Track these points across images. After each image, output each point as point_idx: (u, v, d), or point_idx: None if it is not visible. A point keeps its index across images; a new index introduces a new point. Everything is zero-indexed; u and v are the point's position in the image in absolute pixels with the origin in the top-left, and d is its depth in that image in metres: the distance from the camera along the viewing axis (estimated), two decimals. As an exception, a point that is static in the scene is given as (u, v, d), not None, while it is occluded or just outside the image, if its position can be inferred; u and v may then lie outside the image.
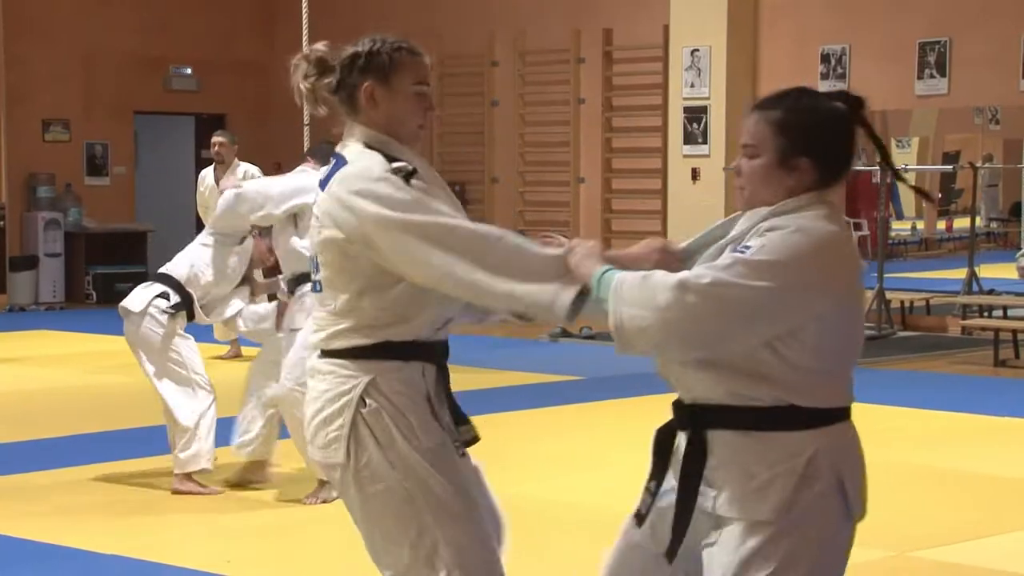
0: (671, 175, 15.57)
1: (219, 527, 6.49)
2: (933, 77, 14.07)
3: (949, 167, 15.64)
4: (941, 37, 14.00)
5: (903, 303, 14.21)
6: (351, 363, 3.39)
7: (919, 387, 10.75)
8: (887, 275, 13.40)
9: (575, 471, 7.61)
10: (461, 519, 3.39)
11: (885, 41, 14.33)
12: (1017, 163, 14.88)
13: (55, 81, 17.39)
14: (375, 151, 3.41)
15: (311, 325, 3.60)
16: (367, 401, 3.37)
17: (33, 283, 16.62)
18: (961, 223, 15.71)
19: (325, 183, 3.45)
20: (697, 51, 15.17)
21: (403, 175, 3.34)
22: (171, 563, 5.82)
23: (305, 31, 12.86)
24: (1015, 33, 13.66)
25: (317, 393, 3.44)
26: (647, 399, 10.16)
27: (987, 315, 13.41)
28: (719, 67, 15.06)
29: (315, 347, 3.49)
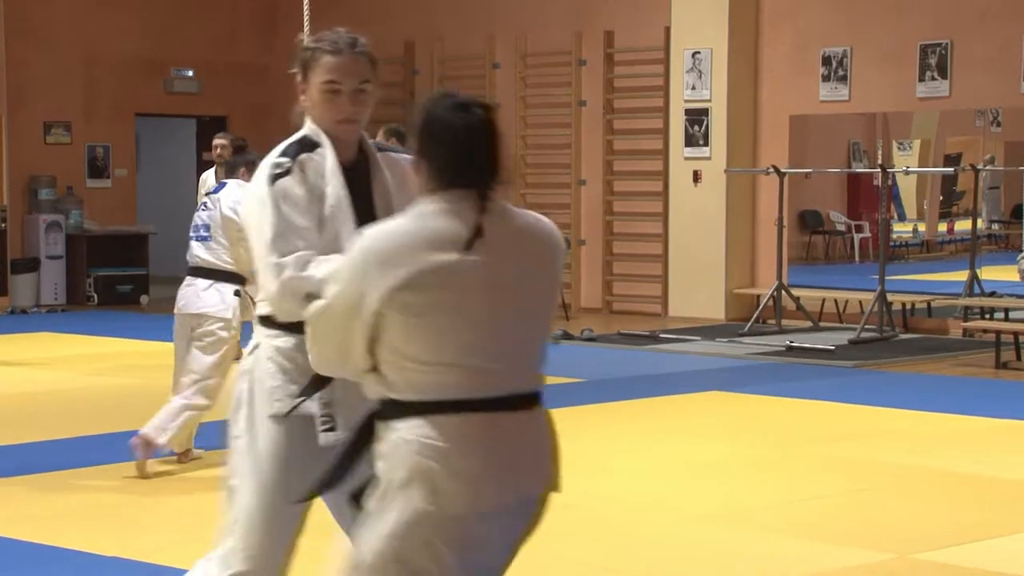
0: (672, 177, 15.57)
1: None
2: (934, 79, 14.07)
3: (950, 169, 15.64)
4: (942, 39, 14.00)
5: (904, 305, 14.20)
6: (257, 327, 3.81)
7: (920, 389, 10.74)
8: (888, 277, 13.40)
9: (576, 473, 7.60)
10: (263, 482, 3.70)
11: (886, 43, 14.33)
12: (1018, 165, 14.87)
13: (56, 83, 17.39)
14: (299, 138, 3.78)
15: None
16: (246, 362, 3.81)
17: (34, 285, 16.62)
18: (962, 225, 15.70)
19: None
20: (698, 53, 15.18)
21: (274, 173, 3.67)
22: (172, 565, 5.81)
23: (306, 34, 12.86)
24: (1016, 35, 13.66)
25: None
26: (648, 401, 10.17)
27: (988, 317, 13.41)
28: (720, 69, 15.07)
29: None
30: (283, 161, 3.69)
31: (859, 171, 16.06)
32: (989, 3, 13.87)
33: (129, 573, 5.78)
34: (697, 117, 15.26)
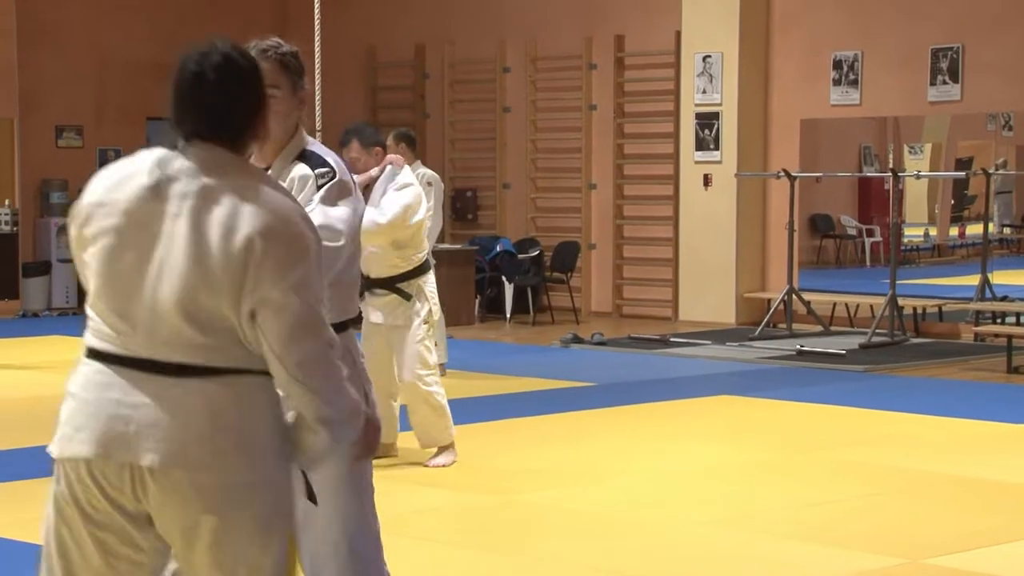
0: (683, 181, 15.56)
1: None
2: (946, 83, 14.05)
3: (962, 174, 15.62)
4: (954, 44, 13.99)
5: (916, 309, 14.19)
6: None
7: (932, 394, 10.73)
8: (899, 281, 13.38)
9: (586, 477, 7.61)
10: None
11: (898, 47, 14.32)
12: (1030, 169, 14.86)
13: (68, 87, 17.43)
14: None
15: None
16: None
17: (46, 289, 16.65)
18: (974, 229, 15.68)
19: None
20: (709, 57, 15.17)
21: None
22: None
23: (317, 39, 12.88)
24: (1028, 39, 13.65)
25: None
26: (658, 405, 10.17)
27: (1000, 321, 13.39)
28: (731, 73, 15.06)
29: None
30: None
31: (870, 175, 16.04)
32: (1001, 7, 13.85)
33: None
34: (708, 121, 15.26)
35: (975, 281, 13.89)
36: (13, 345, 13.47)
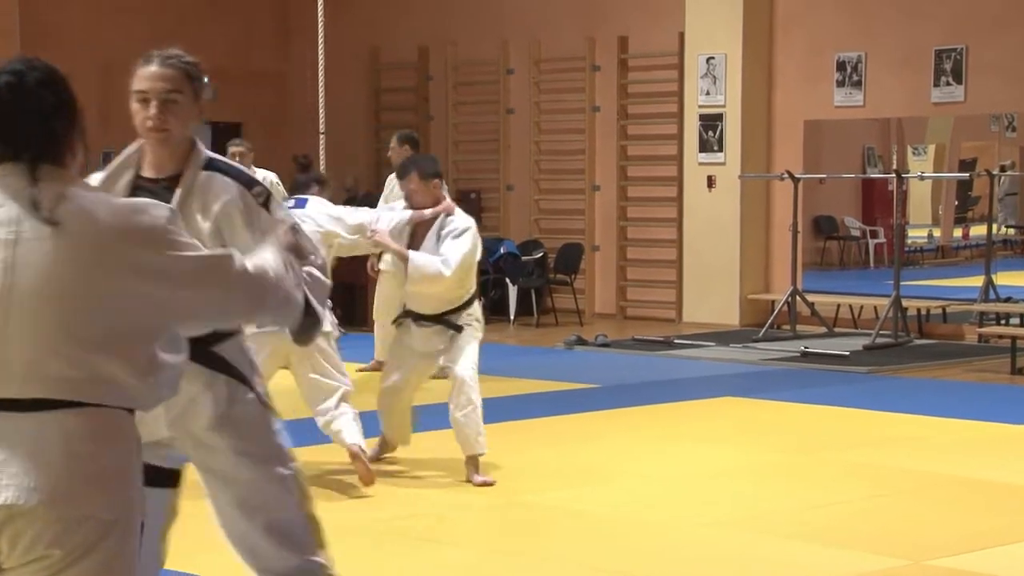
0: (687, 183, 15.56)
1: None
2: (949, 84, 14.04)
3: (966, 175, 15.61)
4: (957, 45, 13.98)
5: (919, 311, 14.18)
6: None
7: (935, 395, 10.72)
8: (903, 283, 13.38)
9: (590, 479, 7.60)
10: None
11: (901, 48, 14.32)
12: (1034, 170, 14.86)
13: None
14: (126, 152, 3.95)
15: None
16: None
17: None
18: (978, 230, 15.68)
19: None
20: (712, 59, 15.17)
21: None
22: (185, 570, 5.82)
23: (321, 41, 12.88)
24: (1031, 40, 13.64)
25: None
26: (662, 407, 10.17)
27: (1004, 323, 13.37)
28: (735, 74, 15.06)
29: None
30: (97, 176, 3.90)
31: (874, 176, 16.04)
32: (1004, 8, 13.85)
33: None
34: (711, 122, 15.25)
35: (979, 282, 13.88)
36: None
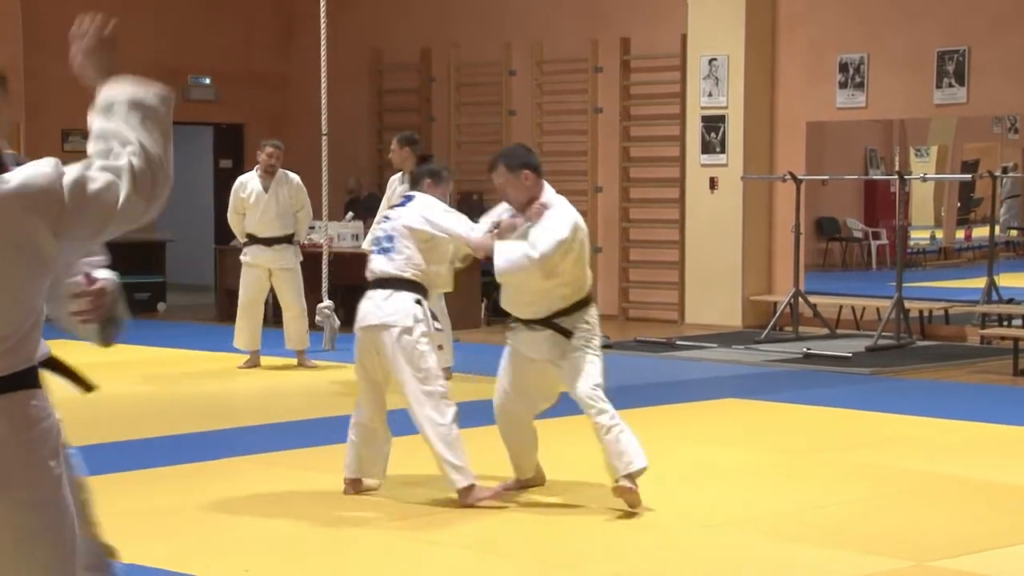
0: (689, 184, 15.56)
1: (238, 536, 6.50)
2: (951, 86, 14.04)
3: (968, 176, 15.60)
4: (959, 46, 13.98)
5: (922, 312, 14.18)
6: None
7: (938, 396, 10.72)
8: (906, 284, 13.38)
9: (592, 479, 7.60)
10: None
11: (903, 50, 14.32)
12: (1036, 172, 14.85)
13: (74, 91, 17.21)
14: None
15: None
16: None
17: (52, 293, 16.67)
18: (980, 232, 15.67)
19: None
20: (715, 60, 15.17)
21: None
22: (188, 571, 5.83)
23: (323, 42, 12.88)
24: (1034, 42, 13.64)
25: None
26: (664, 409, 10.16)
27: (1006, 324, 13.37)
28: (737, 76, 15.06)
29: None
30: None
31: (876, 178, 16.03)
32: (1006, 10, 13.85)
33: (146, 580, 5.79)
34: (714, 124, 15.25)
35: (981, 284, 13.88)
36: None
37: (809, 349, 12.76)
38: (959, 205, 16.73)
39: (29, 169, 3.02)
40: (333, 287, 12.65)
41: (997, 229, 14.66)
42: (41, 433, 3.06)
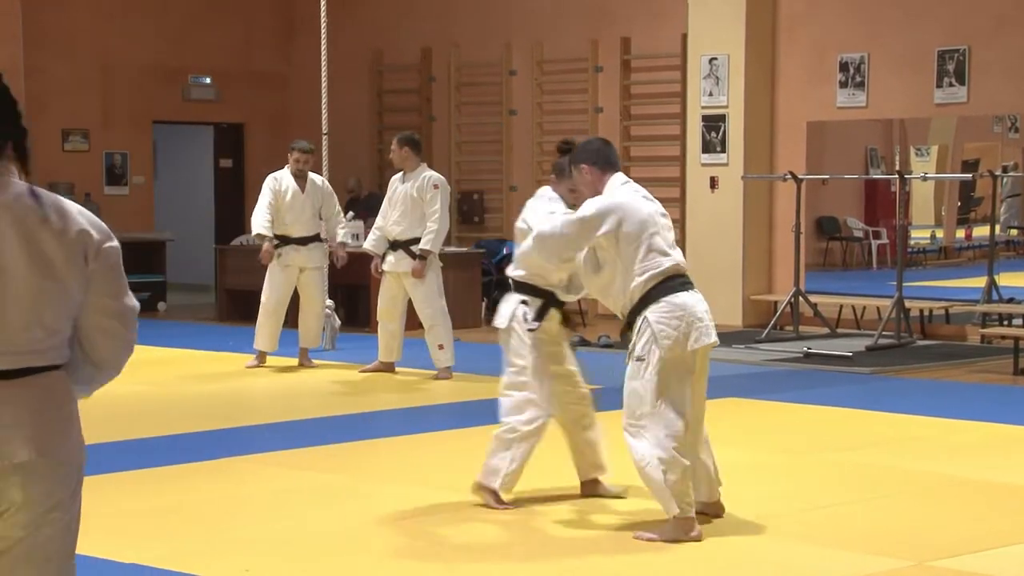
0: (689, 184, 15.56)
1: (238, 536, 6.50)
2: (952, 86, 14.04)
3: (968, 176, 15.61)
4: (960, 46, 13.98)
5: (922, 311, 14.18)
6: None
7: (938, 396, 10.72)
8: (906, 283, 13.37)
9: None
10: None
11: (904, 50, 14.31)
12: (1037, 171, 14.85)
13: (74, 91, 17.45)
14: None
15: None
16: None
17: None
18: (980, 231, 15.67)
19: None
20: (715, 59, 15.17)
21: None
22: (189, 571, 5.83)
23: (324, 42, 12.89)
24: (1034, 41, 13.63)
25: None
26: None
27: (1007, 324, 13.37)
28: (737, 75, 15.06)
29: None
30: None
31: (876, 177, 16.03)
32: (1007, 9, 13.85)
33: (146, 580, 5.80)
34: (714, 123, 15.25)
35: (982, 283, 13.88)
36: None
37: (809, 349, 12.76)
38: (959, 204, 16.73)
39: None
40: (333, 287, 12.65)
41: (997, 228, 14.66)
42: (76, 410, 3.49)
